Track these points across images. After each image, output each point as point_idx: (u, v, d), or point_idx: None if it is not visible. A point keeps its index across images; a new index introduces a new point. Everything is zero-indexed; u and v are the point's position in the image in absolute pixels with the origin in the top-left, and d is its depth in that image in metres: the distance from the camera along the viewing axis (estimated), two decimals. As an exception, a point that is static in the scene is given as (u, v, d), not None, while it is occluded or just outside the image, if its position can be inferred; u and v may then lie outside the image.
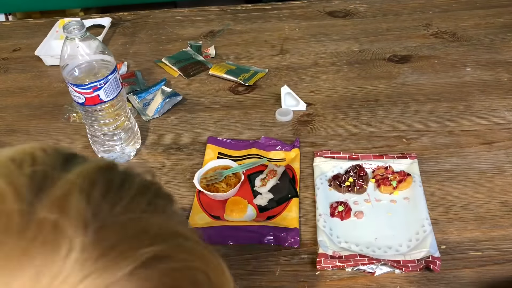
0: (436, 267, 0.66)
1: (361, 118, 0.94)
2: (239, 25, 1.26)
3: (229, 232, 0.74)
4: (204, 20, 1.29)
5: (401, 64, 1.08)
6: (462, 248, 0.70)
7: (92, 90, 0.84)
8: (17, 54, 1.23)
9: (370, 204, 0.77)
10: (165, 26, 1.28)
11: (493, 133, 0.89)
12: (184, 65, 1.13)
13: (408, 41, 1.15)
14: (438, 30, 1.18)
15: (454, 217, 0.74)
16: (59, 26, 1.23)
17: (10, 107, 1.05)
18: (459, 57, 1.08)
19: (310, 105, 0.98)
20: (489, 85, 1.00)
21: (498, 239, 0.71)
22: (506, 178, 0.80)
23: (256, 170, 0.84)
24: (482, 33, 1.15)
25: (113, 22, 1.29)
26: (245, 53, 1.16)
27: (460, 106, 0.95)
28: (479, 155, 0.84)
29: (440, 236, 0.71)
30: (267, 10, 1.31)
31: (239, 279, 0.68)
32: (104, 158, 0.88)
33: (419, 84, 1.02)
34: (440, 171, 0.82)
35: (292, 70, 1.09)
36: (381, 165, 0.82)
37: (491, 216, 0.74)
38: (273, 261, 0.71)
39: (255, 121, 0.96)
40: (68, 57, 0.87)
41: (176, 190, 0.82)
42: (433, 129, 0.90)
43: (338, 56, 1.12)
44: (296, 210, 0.77)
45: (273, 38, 1.20)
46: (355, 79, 1.05)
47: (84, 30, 0.86)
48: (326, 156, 0.85)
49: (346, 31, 1.21)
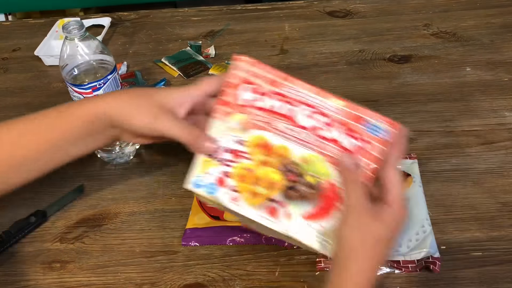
0: (436, 268, 0.66)
1: (361, 118, 0.94)
2: (239, 25, 1.26)
3: (229, 232, 0.74)
4: (204, 20, 1.29)
5: (401, 64, 1.08)
6: (462, 249, 0.70)
7: (92, 90, 0.85)
8: (17, 54, 1.23)
9: (370, 204, 0.77)
10: (165, 26, 1.28)
11: (493, 133, 0.88)
12: (184, 65, 1.13)
13: (408, 41, 1.15)
14: (438, 30, 1.18)
15: (454, 217, 0.74)
16: (58, 26, 1.23)
17: (10, 107, 1.05)
18: (459, 57, 1.08)
19: (310, 105, 0.98)
20: (489, 85, 1.00)
21: (498, 239, 0.71)
22: (506, 178, 0.80)
23: (256, 170, 0.84)
24: (482, 33, 1.15)
25: (112, 22, 1.29)
26: (245, 53, 1.15)
27: (460, 106, 0.95)
28: (479, 155, 0.84)
29: (440, 237, 0.71)
30: (267, 10, 1.31)
31: (238, 279, 0.68)
32: None
33: (419, 84, 1.02)
34: (440, 171, 0.82)
35: (292, 70, 1.09)
36: (381, 165, 0.82)
37: (491, 216, 0.74)
38: (273, 261, 0.71)
39: (255, 121, 0.96)
40: (67, 57, 0.87)
41: (176, 190, 0.82)
42: (433, 129, 0.90)
43: (338, 56, 1.12)
44: (296, 210, 0.77)
45: (273, 38, 1.20)
46: (355, 79, 1.05)
47: (83, 30, 0.86)
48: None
49: (346, 31, 1.20)
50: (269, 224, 0.61)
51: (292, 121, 0.63)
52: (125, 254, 0.73)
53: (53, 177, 0.86)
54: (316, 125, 0.62)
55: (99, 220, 0.79)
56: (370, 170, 0.61)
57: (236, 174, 0.63)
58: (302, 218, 0.61)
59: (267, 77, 0.64)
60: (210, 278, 0.69)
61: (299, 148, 0.62)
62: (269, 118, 0.63)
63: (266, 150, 0.63)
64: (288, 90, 0.64)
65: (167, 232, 0.76)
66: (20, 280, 0.71)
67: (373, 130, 0.62)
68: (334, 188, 0.61)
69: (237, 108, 0.64)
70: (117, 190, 0.84)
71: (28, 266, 0.73)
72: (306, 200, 0.61)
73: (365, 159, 0.61)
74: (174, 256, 0.72)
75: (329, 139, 0.62)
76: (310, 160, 0.62)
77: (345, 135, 0.62)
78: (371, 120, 0.62)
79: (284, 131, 0.63)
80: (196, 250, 0.73)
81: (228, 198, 0.62)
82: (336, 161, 0.61)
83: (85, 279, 0.70)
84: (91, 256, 0.73)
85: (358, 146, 0.61)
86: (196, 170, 0.63)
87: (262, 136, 0.63)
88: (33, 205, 0.81)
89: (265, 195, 0.62)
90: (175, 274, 0.70)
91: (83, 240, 0.76)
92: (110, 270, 0.71)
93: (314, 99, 0.63)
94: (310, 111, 0.63)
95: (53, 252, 0.74)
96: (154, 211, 0.80)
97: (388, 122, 0.62)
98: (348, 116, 0.62)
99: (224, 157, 0.63)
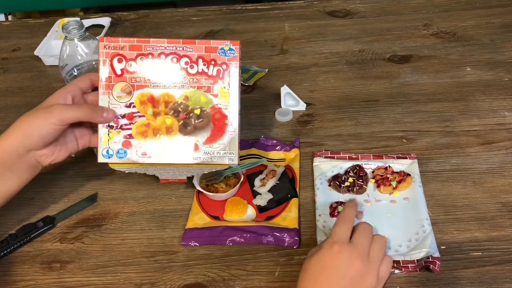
0: (436, 268, 0.66)
1: (361, 118, 0.94)
2: (239, 25, 1.26)
3: (229, 232, 0.74)
4: (204, 20, 1.29)
5: (401, 64, 1.08)
6: (462, 249, 0.70)
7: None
8: (17, 54, 1.23)
9: (369, 204, 0.77)
10: (164, 26, 1.28)
11: (493, 133, 0.88)
12: (183, 65, 1.12)
13: (408, 41, 1.15)
14: (438, 30, 1.18)
15: (454, 217, 0.74)
16: (58, 26, 1.23)
17: (10, 107, 1.05)
18: (459, 57, 1.08)
19: (310, 105, 0.98)
20: (489, 85, 1.00)
21: (498, 239, 0.71)
22: (506, 178, 0.80)
23: (255, 170, 0.84)
24: (482, 33, 1.15)
25: (112, 22, 1.29)
26: (245, 53, 1.16)
27: (460, 106, 0.95)
28: (479, 155, 0.84)
29: (440, 237, 0.71)
30: (267, 10, 1.31)
31: (238, 279, 0.68)
32: None
33: (419, 84, 1.02)
34: (440, 171, 0.82)
35: (292, 70, 1.09)
36: (381, 165, 0.82)
37: (491, 216, 0.74)
38: (273, 261, 0.71)
39: (255, 121, 0.96)
40: (67, 57, 0.87)
41: (175, 190, 0.82)
42: (433, 129, 0.90)
43: (338, 56, 1.12)
44: (295, 211, 0.77)
45: (273, 38, 1.20)
46: (355, 79, 1.05)
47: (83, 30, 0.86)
48: (326, 156, 0.85)
49: (346, 31, 1.20)
50: (180, 160, 0.74)
51: (163, 71, 0.74)
52: (125, 254, 0.73)
53: (52, 177, 0.86)
54: (183, 66, 0.74)
55: (99, 220, 0.79)
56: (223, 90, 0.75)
57: (138, 133, 0.74)
58: (203, 144, 0.74)
59: (131, 45, 0.74)
60: (210, 278, 0.69)
61: (178, 90, 0.74)
62: (144, 76, 0.74)
63: (152, 103, 0.74)
64: (152, 48, 0.74)
65: (167, 232, 0.76)
66: (20, 280, 0.71)
67: (223, 53, 0.75)
68: (218, 110, 0.74)
69: (116, 79, 0.74)
70: (117, 190, 0.84)
71: (28, 266, 0.73)
72: (200, 129, 0.74)
73: (225, 77, 0.75)
74: (174, 256, 0.72)
75: (196, 74, 0.74)
76: (190, 96, 0.74)
77: (206, 66, 0.74)
78: (219, 46, 0.75)
79: (159, 81, 0.74)
80: (196, 250, 0.73)
81: (139, 155, 0.74)
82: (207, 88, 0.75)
83: (85, 279, 0.70)
84: (91, 256, 0.73)
85: (218, 69, 0.74)
86: (102, 143, 0.74)
87: (145, 92, 0.74)
88: (32, 205, 0.81)
89: (168, 140, 0.73)
90: (175, 274, 0.70)
91: (83, 240, 0.76)
92: (110, 270, 0.71)
93: (173, 48, 0.74)
94: (175, 58, 0.74)
95: (53, 252, 0.74)
96: (154, 211, 0.80)
97: (231, 42, 0.76)
98: (204, 50, 0.75)
99: (121, 123, 0.74)
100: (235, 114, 0.74)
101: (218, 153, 0.74)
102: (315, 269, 0.60)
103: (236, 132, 0.74)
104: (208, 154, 0.74)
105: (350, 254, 0.60)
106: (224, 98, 0.74)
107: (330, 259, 0.60)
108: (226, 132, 0.74)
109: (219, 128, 0.74)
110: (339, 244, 0.61)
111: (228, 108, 0.74)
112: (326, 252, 0.61)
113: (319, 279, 0.59)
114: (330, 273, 0.59)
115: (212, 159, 0.74)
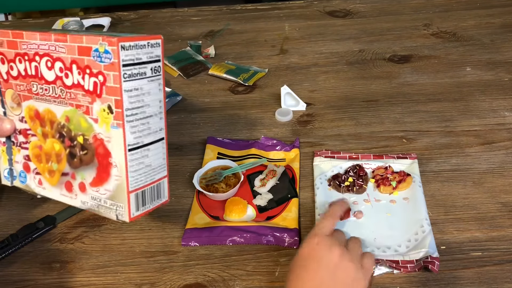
0: (435, 267, 0.66)
1: (361, 118, 0.94)
2: (239, 25, 1.26)
3: (229, 232, 0.74)
4: (204, 20, 1.29)
5: (401, 64, 1.08)
6: (462, 249, 0.70)
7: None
8: (17, 54, 1.23)
9: (369, 204, 0.77)
10: (164, 26, 1.28)
11: (493, 133, 0.88)
12: (183, 65, 1.13)
13: (408, 41, 1.15)
14: (438, 30, 1.18)
15: (454, 217, 0.74)
16: (58, 25, 1.23)
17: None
18: (459, 57, 1.08)
19: (310, 105, 0.98)
20: (489, 85, 1.00)
21: (498, 239, 0.71)
22: (506, 179, 0.80)
23: (255, 171, 0.84)
24: (482, 33, 1.15)
25: (112, 22, 1.29)
26: (245, 53, 1.16)
27: (460, 106, 0.95)
28: (479, 155, 0.84)
29: (440, 237, 0.71)
30: (267, 10, 1.31)
31: (238, 279, 0.68)
32: None
33: (419, 84, 1.02)
34: (440, 171, 0.82)
35: (292, 70, 1.09)
36: (381, 165, 0.82)
37: (491, 216, 0.74)
38: (273, 261, 0.71)
39: (255, 121, 0.96)
40: (67, 57, 0.87)
41: (175, 190, 0.82)
42: (433, 129, 0.90)
43: (338, 56, 1.12)
44: (295, 211, 0.77)
45: (273, 38, 1.20)
46: (355, 79, 1.05)
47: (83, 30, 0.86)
48: (326, 156, 0.85)
49: (346, 31, 1.21)
50: (70, 202, 0.58)
51: (40, 78, 0.56)
52: (125, 254, 0.73)
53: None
54: (58, 74, 0.55)
55: (99, 220, 0.79)
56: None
57: (33, 155, 0.60)
58: (91, 186, 0.56)
59: (8, 41, 0.58)
60: (210, 278, 0.69)
61: (57, 107, 0.56)
62: (26, 84, 0.58)
63: (40, 120, 0.58)
64: (26, 46, 0.57)
65: (167, 232, 0.76)
66: (20, 280, 0.71)
67: (98, 58, 0.51)
68: (101, 142, 0.53)
69: (4, 85, 0.60)
70: (117, 190, 0.84)
71: (28, 266, 0.73)
72: (86, 164, 0.55)
73: (104, 95, 0.52)
74: (174, 256, 0.72)
75: (72, 86, 0.54)
76: (70, 117, 0.55)
77: (81, 75, 0.53)
78: (93, 47, 0.51)
79: (40, 92, 0.57)
80: (196, 250, 0.73)
81: (36, 183, 0.60)
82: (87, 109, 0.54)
83: (85, 279, 0.70)
84: (91, 256, 0.73)
85: (94, 82, 0.52)
86: (1, 162, 0.61)
87: (31, 106, 0.58)
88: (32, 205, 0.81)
89: (58, 170, 0.58)
90: (175, 274, 0.70)
91: (83, 240, 0.76)
92: (110, 270, 0.71)
93: (46, 47, 0.55)
94: (50, 61, 0.55)
95: (53, 252, 0.74)
96: (154, 211, 0.80)
97: (106, 41, 0.50)
98: (76, 51, 0.53)
99: (19, 139, 0.60)
100: (120, 152, 0.52)
101: (105, 202, 0.55)
102: (299, 262, 0.62)
103: (122, 177, 0.52)
104: (95, 201, 0.56)
105: (330, 244, 0.62)
106: (105, 125, 0.52)
107: (311, 251, 0.62)
108: (111, 176, 0.53)
109: (103, 167, 0.54)
110: (319, 236, 0.63)
111: (110, 141, 0.52)
112: (307, 244, 0.63)
113: (302, 271, 0.61)
114: (311, 264, 0.61)
115: (99, 208, 0.56)
